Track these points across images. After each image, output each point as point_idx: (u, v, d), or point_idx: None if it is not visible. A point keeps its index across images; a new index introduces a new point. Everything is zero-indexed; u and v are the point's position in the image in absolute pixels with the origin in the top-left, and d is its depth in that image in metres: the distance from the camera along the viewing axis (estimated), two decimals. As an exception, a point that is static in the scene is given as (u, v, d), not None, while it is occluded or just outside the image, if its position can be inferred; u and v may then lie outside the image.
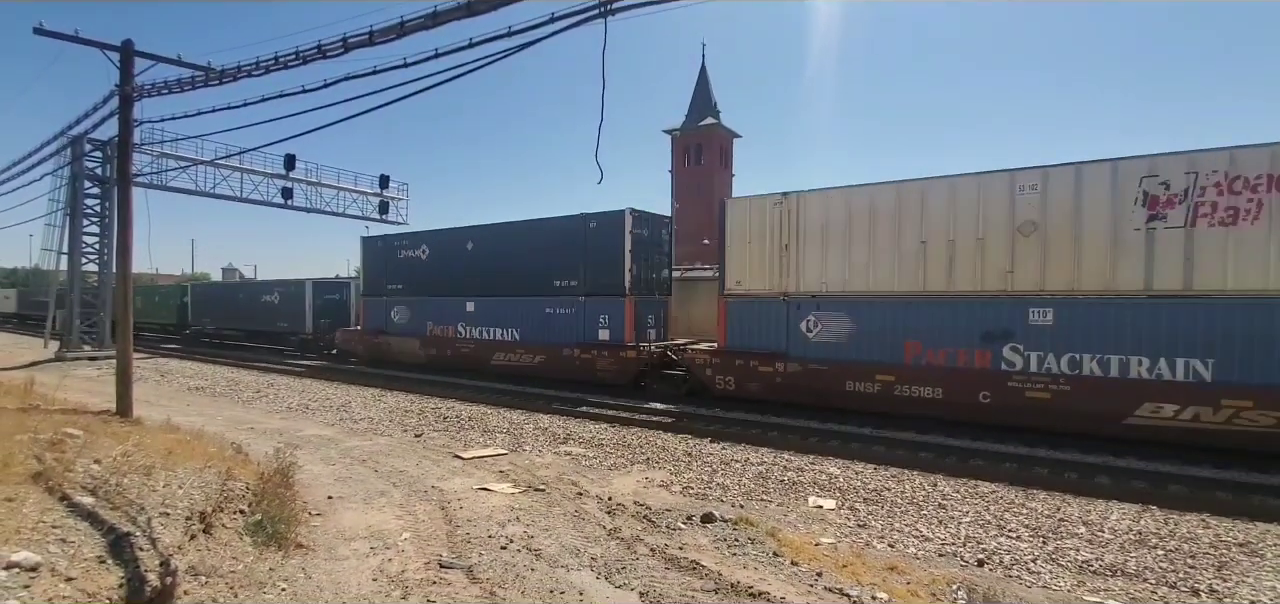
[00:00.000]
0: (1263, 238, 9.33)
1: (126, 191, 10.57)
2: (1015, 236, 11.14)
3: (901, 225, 12.28)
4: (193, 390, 17.59)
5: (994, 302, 11.37)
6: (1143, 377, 10.13)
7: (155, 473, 6.04)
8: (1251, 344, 9.38)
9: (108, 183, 24.92)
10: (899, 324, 12.34)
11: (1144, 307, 10.15)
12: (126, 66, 10.41)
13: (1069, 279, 10.72)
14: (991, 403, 11.40)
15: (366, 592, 4.95)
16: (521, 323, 18.55)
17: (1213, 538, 6.86)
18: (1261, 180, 9.32)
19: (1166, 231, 9.96)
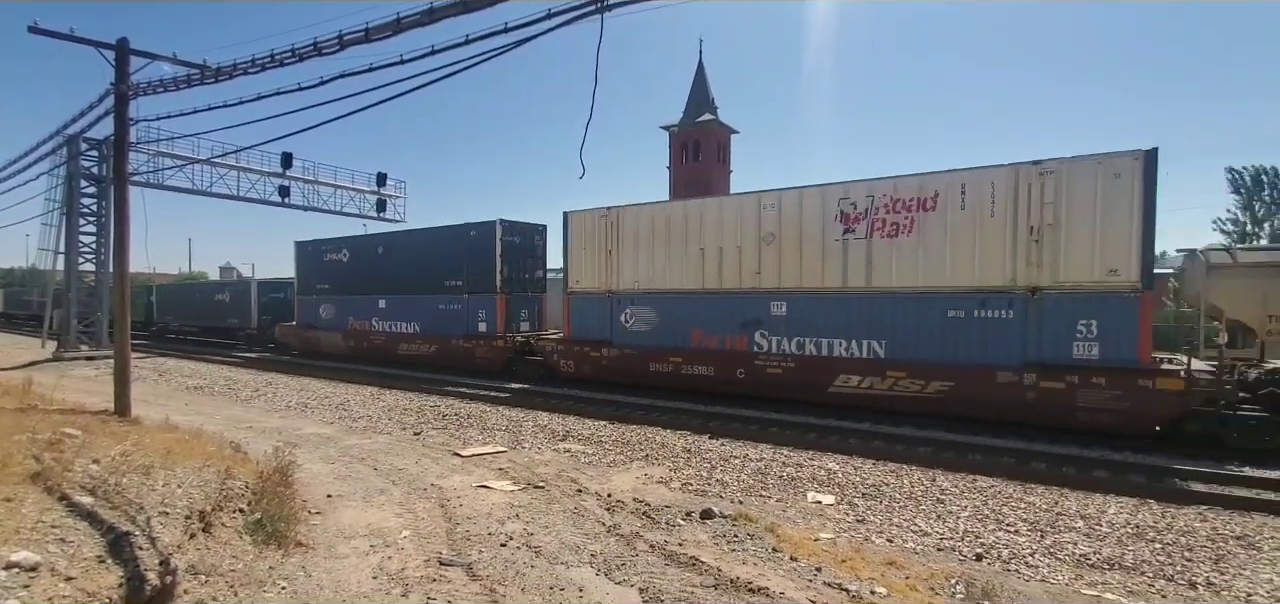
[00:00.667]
0: (914, 247, 12.24)
1: (123, 190, 10.53)
2: (761, 245, 13.99)
3: (688, 236, 15.09)
4: (191, 389, 17.56)
5: (749, 297, 14.17)
6: (840, 355, 13.09)
7: (154, 472, 6.03)
8: (908, 329, 12.32)
9: (104, 182, 24.84)
10: (688, 315, 15.10)
11: (841, 300, 13.04)
12: (122, 65, 10.37)
13: (796, 279, 13.63)
14: (745, 378, 14.19)
15: (367, 589, 4.96)
16: (421, 317, 21.33)
17: (1210, 531, 6.89)
18: (913, 203, 12.24)
19: (855, 242, 12.87)
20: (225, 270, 61.04)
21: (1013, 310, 11.34)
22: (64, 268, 25.83)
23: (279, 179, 27.78)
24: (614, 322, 16.31)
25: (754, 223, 14.08)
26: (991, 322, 11.50)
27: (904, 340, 12.33)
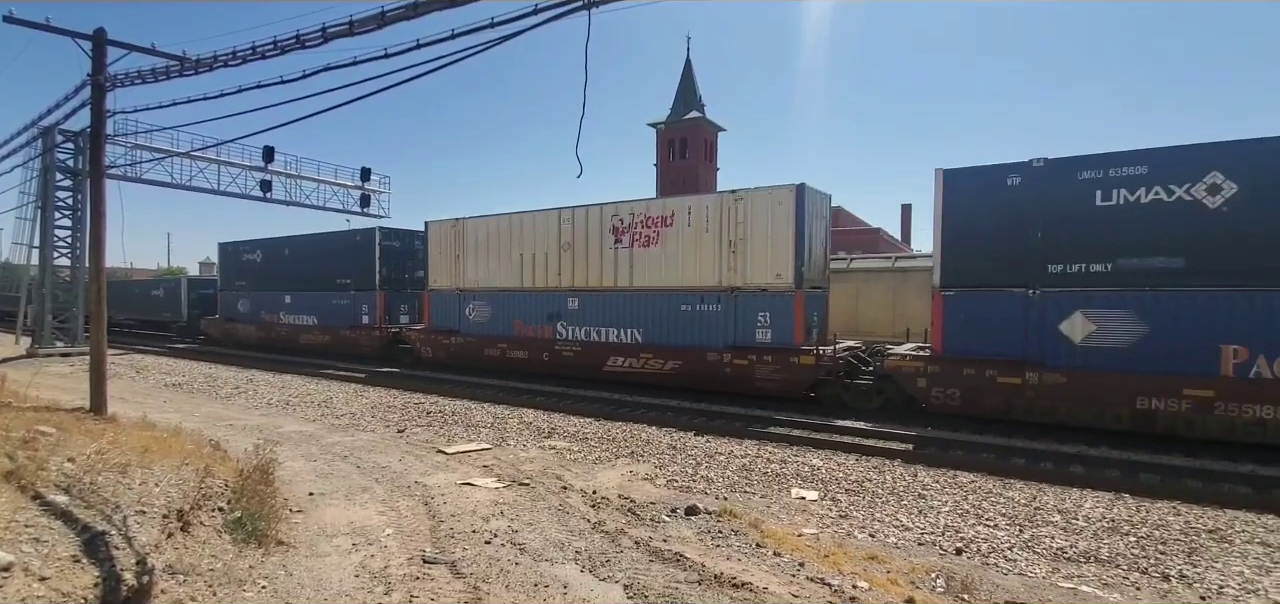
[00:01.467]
0: (659, 255, 15.48)
1: (99, 184, 10.35)
2: (561, 252, 17.09)
3: (512, 243, 18.24)
4: (169, 387, 17.31)
5: (553, 294, 17.26)
6: (612, 341, 16.17)
7: (131, 471, 5.94)
8: (656, 319, 15.47)
9: (80, 175, 24.36)
10: (512, 309, 18.17)
11: (613, 297, 16.15)
12: (99, 56, 10.18)
13: (584, 279, 16.72)
14: (549, 360, 17.26)
15: (349, 588, 4.92)
16: (318, 311, 24.34)
17: (1183, 525, 7.04)
18: (658, 220, 15.44)
19: (622, 250, 16.03)
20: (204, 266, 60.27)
21: (720, 305, 14.56)
22: (39, 263, 25.31)
23: (261, 173, 27.41)
24: (461, 314, 19.55)
25: (556, 233, 17.20)
26: (707, 314, 14.73)
27: (653, 328, 15.58)
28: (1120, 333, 10.31)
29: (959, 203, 11.64)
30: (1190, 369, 9.77)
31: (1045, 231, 10.77)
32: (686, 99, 58.08)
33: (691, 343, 14.88)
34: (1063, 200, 10.63)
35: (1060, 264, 10.68)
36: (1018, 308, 11.04)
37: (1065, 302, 10.69)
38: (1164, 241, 9.97)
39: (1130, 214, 10.17)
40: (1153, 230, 10.02)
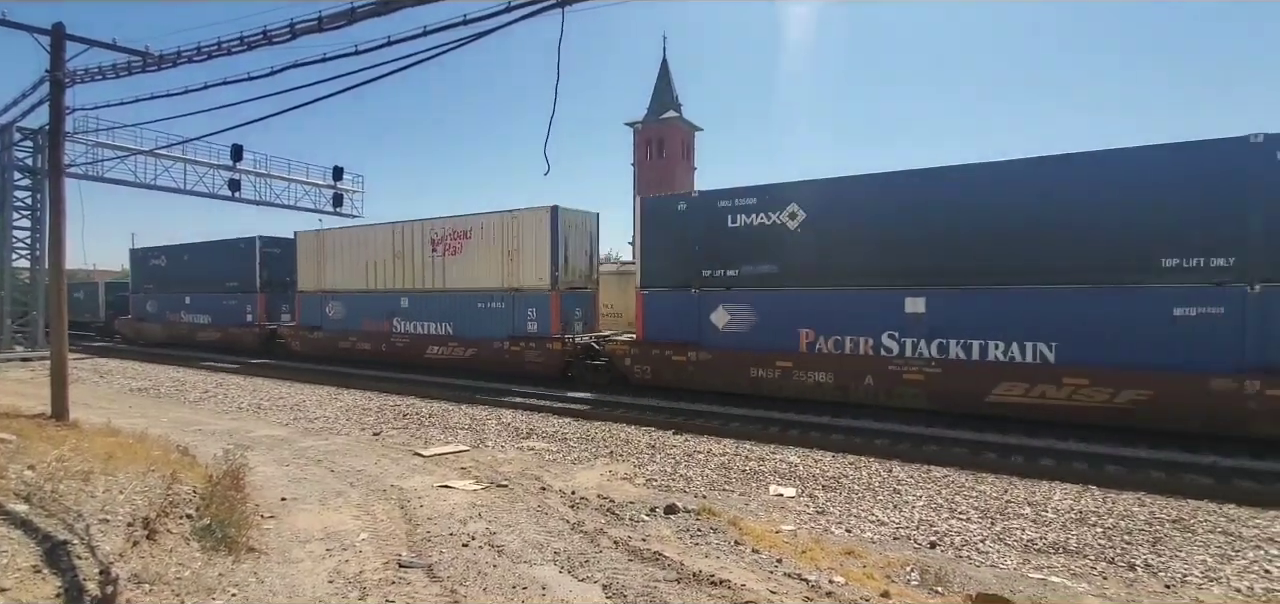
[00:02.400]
0: (462, 262, 18.66)
1: (58, 183, 10.04)
2: (395, 259, 20.25)
3: (360, 250, 21.29)
4: (134, 391, 16.85)
5: (390, 294, 20.41)
6: (432, 333, 19.37)
7: (94, 478, 5.78)
8: (462, 315, 18.66)
9: (38, 174, 23.62)
10: (361, 307, 21.32)
11: (432, 297, 19.39)
12: (57, 51, 9.87)
13: (412, 282, 19.91)
14: (386, 351, 20.42)
15: (322, 594, 4.83)
16: (212, 310, 26.78)
17: (1148, 515, 7.23)
18: (461, 233, 18.57)
19: (438, 258, 19.17)
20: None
21: (504, 303, 17.77)
22: (-5, 265, 24.46)
23: (229, 172, 26.85)
24: (323, 312, 22.33)
25: (391, 244, 20.33)
26: (495, 310, 17.93)
27: (459, 323, 18.66)
28: (743, 321, 13.67)
29: (651, 223, 15.00)
30: (781, 347, 13.15)
31: (699, 246, 14.12)
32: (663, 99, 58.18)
33: (484, 334, 18.13)
34: (709, 223, 13.96)
35: (709, 270, 13.98)
36: (686, 303, 14.32)
37: (713, 299, 13.96)
38: (766, 254, 13.34)
39: (747, 233, 13.54)
40: (760, 246, 13.41)
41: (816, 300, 12.76)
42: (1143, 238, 9.92)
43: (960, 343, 11.32)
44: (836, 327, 12.52)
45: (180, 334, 27.84)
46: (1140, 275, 9.92)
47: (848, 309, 12.43)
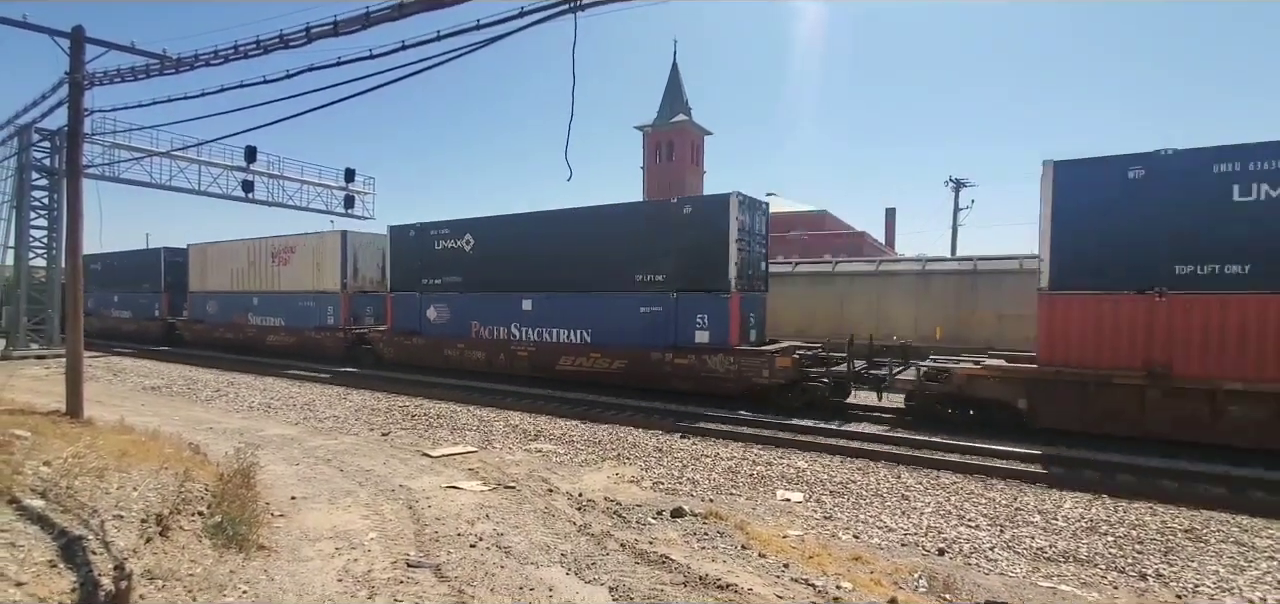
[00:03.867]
0: (291, 270, 24.12)
1: (76, 184, 10.18)
2: (250, 266, 25.51)
3: (229, 260, 26.61)
4: (147, 390, 17.04)
5: (247, 294, 25.56)
6: (270, 324, 24.77)
7: (108, 475, 5.85)
8: (291, 311, 23.84)
9: (57, 174, 23.94)
10: (230, 304, 26.51)
11: (273, 296, 24.62)
12: (77, 53, 10.02)
13: (262, 284, 25.08)
14: (242, 339, 25.62)
15: (331, 592, 4.88)
16: (131, 307, 32.15)
17: (1160, 525, 7.16)
18: (290, 249, 24.00)
19: (278, 267, 24.32)
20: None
21: (314, 302, 23.00)
22: (14, 263, 24.81)
23: (243, 174, 27.11)
24: (204, 308, 27.83)
25: (247, 255, 25.73)
26: (308, 307, 23.17)
27: (289, 316, 24.13)
28: (443, 315, 18.93)
29: (395, 246, 20.26)
30: (462, 334, 18.51)
31: (420, 262, 19.36)
32: (673, 102, 58.25)
33: (302, 324, 23.51)
34: (424, 245, 19.29)
35: (426, 279, 19.26)
36: (413, 303, 19.61)
37: (427, 300, 19.33)
38: (454, 268, 18.63)
39: (445, 254, 18.80)
40: (452, 263, 18.69)
41: (481, 301, 18.13)
42: (626, 261, 15.40)
43: (547, 330, 16.85)
44: (490, 319, 17.94)
45: (108, 326, 32.23)
46: (626, 286, 15.40)
47: (495, 307, 17.79)
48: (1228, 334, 9.49)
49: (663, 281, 14.90)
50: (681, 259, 14.61)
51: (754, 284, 15.10)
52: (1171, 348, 9.84)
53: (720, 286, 14.07)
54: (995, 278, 16.63)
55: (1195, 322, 9.69)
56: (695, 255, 14.40)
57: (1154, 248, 10.04)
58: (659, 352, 14.80)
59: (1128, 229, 10.25)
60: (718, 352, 14.04)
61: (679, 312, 14.65)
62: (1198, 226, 9.78)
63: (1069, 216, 10.70)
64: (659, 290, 14.92)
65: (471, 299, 18.30)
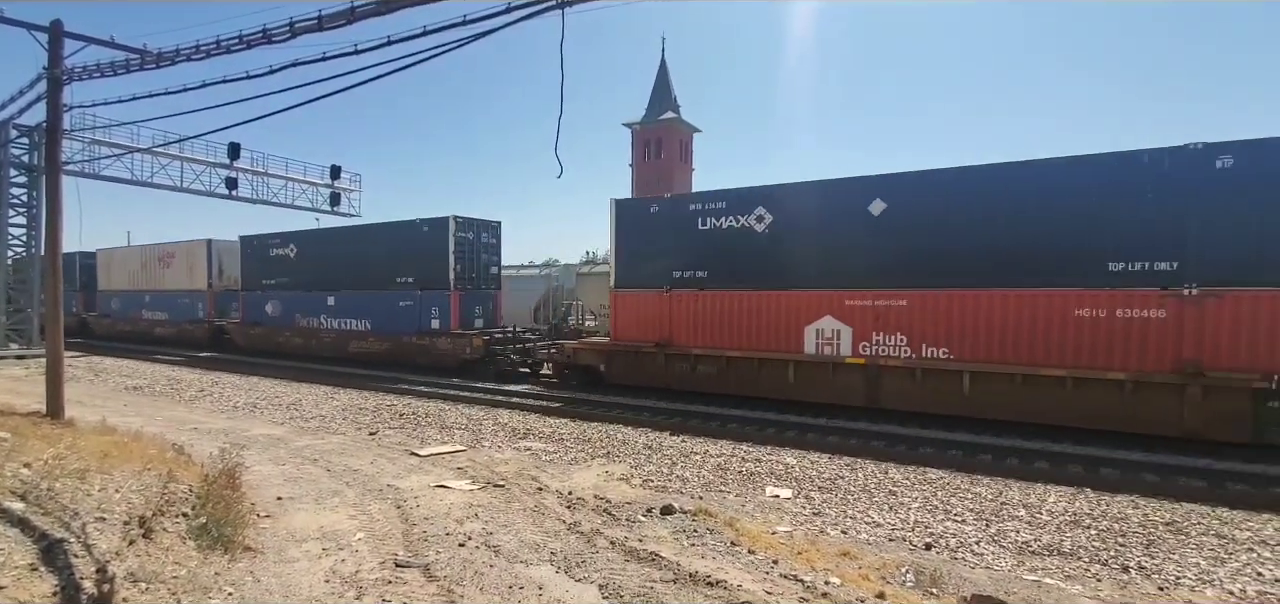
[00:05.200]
0: (172, 272, 29.09)
1: (55, 180, 10.01)
2: (143, 268, 30.27)
3: (128, 263, 31.38)
4: (130, 390, 16.81)
5: (142, 292, 30.34)
6: (159, 318, 29.57)
7: (90, 476, 5.77)
8: (174, 306, 28.97)
9: (35, 171, 23.53)
10: (128, 301, 31.26)
11: (160, 295, 29.55)
12: (56, 48, 9.84)
13: (152, 283, 30.16)
14: (139, 329, 30.20)
15: (318, 593, 4.84)
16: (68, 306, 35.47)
17: (1141, 518, 7.27)
18: (172, 254, 29.36)
19: (164, 268, 29.37)
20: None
21: (189, 298, 28.07)
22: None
23: (226, 170, 26.77)
24: (110, 304, 32.54)
25: (141, 258, 30.57)
26: (185, 303, 28.24)
27: (173, 312, 28.71)
28: (276, 309, 24.13)
29: (245, 252, 25.49)
30: (290, 324, 23.68)
31: (260, 265, 24.39)
32: (662, 100, 58.23)
33: (182, 318, 28.41)
34: (262, 252, 24.59)
35: (266, 279, 24.43)
36: (258, 298, 24.69)
37: (266, 296, 24.37)
38: (283, 271, 24.18)
39: (276, 259, 23.98)
40: (282, 267, 24.05)
41: (301, 298, 23.18)
42: (391, 267, 20.59)
43: (343, 320, 21.96)
44: (307, 312, 22.93)
45: None
46: (390, 286, 20.62)
47: (310, 303, 22.68)
48: (699, 318, 14.58)
49: (412, 283, 20.08)
50: (422, 265, 19.76)
51: (480, 284, 20.31)
52: (673, 328, 14.93)
53: (444, 286, 19.27)
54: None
55: (683, 309, 14.79)
56: (429, 263, 19.51)
57: (665, 261, 14.98)
58: (410, 336, 20.06)
59: (651, 249, 15.25)
60: (443, 335, 19.21)
61: (422, 306, 19.76)
62: (681, 246, 14.75)
63: (624, 238, 15.76)
64: (410, 289, 20.13)
65: (295, 296, 23.62)
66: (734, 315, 13.96)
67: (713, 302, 14.26)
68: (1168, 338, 9.97)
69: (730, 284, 13.98)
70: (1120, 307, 10.31)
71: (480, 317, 20.02)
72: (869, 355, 12.44)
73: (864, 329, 12.54)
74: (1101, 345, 10.43)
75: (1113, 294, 10.33)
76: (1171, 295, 9.96)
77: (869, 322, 12.50)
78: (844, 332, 12.76)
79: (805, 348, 13.11)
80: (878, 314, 12.43)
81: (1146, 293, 10.14)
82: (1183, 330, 9.86)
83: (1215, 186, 9.66)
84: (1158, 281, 10.06)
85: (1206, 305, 9.76)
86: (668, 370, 14.78)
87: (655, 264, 15.00)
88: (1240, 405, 9.49)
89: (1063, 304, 10.68)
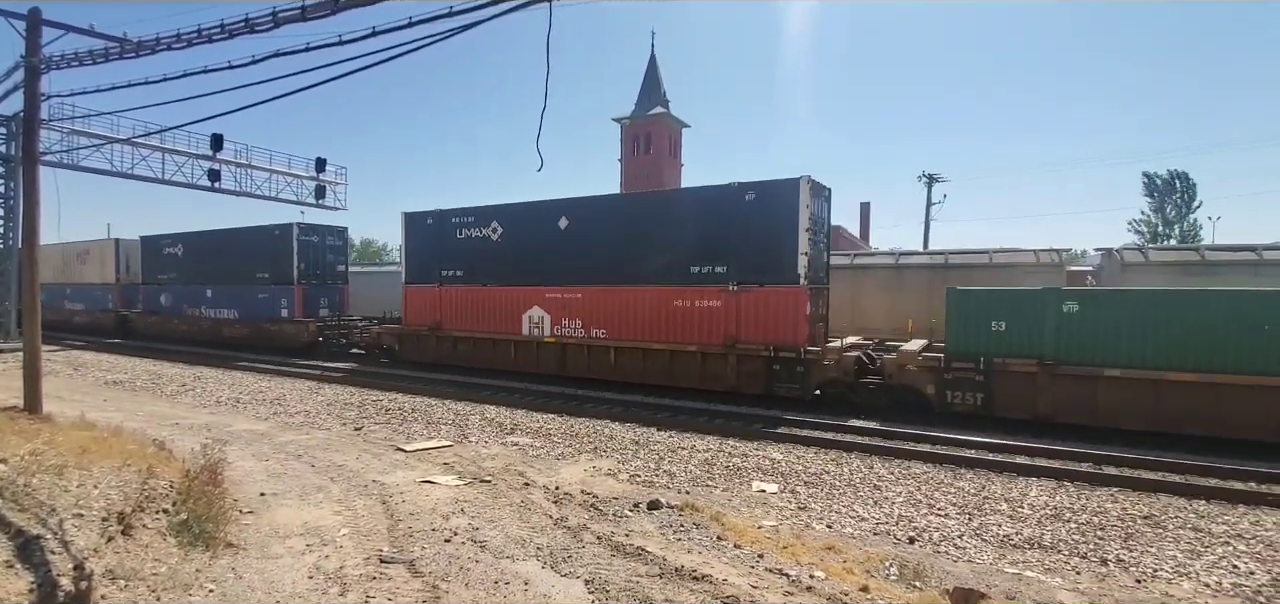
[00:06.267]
0: (87, 267, 32.10)
1: (33, 171, 9.82)
2: (65, 265, 32.68)
3: (53, 258, 30.73)
4: (110, 384, 16.56)
5: (63, 285, 32.38)
6: (77, 309, 32.33)
7: (68, 472, 5.68)
8: (90, 298, 31.95)
9: (12, 161, 23.07)
10: (53, 293, 30.81)
11: (81, 289, 32.35)
12: (33, 36, 9.64)
13: (71, 278, 32.59)
14: (62, 319, 32.00)
15: (302, 590, 4.80)
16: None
17: (1120, 511, 7.38)
18: (86, 253, 32.48)
19: (81, 265, 32.50)
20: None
21: (102, 291, 30.20)
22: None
23: (209, 162, 26.34)
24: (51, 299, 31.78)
25: (62, 256, 32.37)
26: (98, 294, 30.75)
27: (87, 302, 31.56)
28: (170, 300, 27.43)
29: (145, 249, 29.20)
30: (182, 313, 27.05)
31: (152, 261, 28.37)
32: (651, 95, 58.09)
33: (96, 307, 30.93)
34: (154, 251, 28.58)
35: (160, 274, 27.92)
36: (155, 292, 28.13)
37: (161, 289, 27.77)
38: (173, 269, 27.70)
39: (167, 257, 27.75)
40: (172, 264, 27.76)
41: (189, 291, 26.65)
42: (253, 265, 24.18)
43: (219, 310, 25.56)
44: (193, 304, 26.46)
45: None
46: (253, 281, 24.05)
47: (195, 295, 26.32)
48: (458, 307, 18.34)
49: (268, 278, 23.74)
50: (274, 264, 23.65)
51: (325, 280, 24.27)
52: (442, 315, 18.67)
53: (290, 281, 23.07)
54: (966, 271, 16.92)
55: (448, 300, 18.55)
56: (277, 261, 23.49)
57: (437, 262, 18.69)
58: (266, 323, 23.66)
59: (427, 253, 19.02)
60: (289, 322, 22.98)
61: (274, 297, 23.53)
62: (447, 250, 18.41)
63: (411, 244, 19.60)
64: (266, 284, 23.74)
65: (184, 289, 27.07)
66: (479, 305, 17.88)
67: (466, 294, 18.14)
68: (723, 320, 14.02)
69: (477, 281, 17.88)
70: (697, 299, 14.31)
71: (325, 307, 23.90)
72: (560, 336, 16.37)
73: (557, 316, 16.46)
74: (691, 326, 14.39)
75: (694, 290, 14.34)
76: (724, 291, 13.95)
77: (560, 310, 16.39)
78: (546, 318, 16.66)
79: (522, 331, 17.02)
80: (565, 304, 16.30)
81: (711, 289, 14.15)
82: (729, 315, 13.93)
83: (745, 214, 13.69)
84: (717, 281, 14.08)
85: (741, 298, 13.77)
86: (438, 349, 18.75)
87: (430, 265, 18.89)
88: (758, 368, 13.56)
89: (668, 297, 14.65)
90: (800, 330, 13.12)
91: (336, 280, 24.91)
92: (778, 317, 13.29)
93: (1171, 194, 55.95)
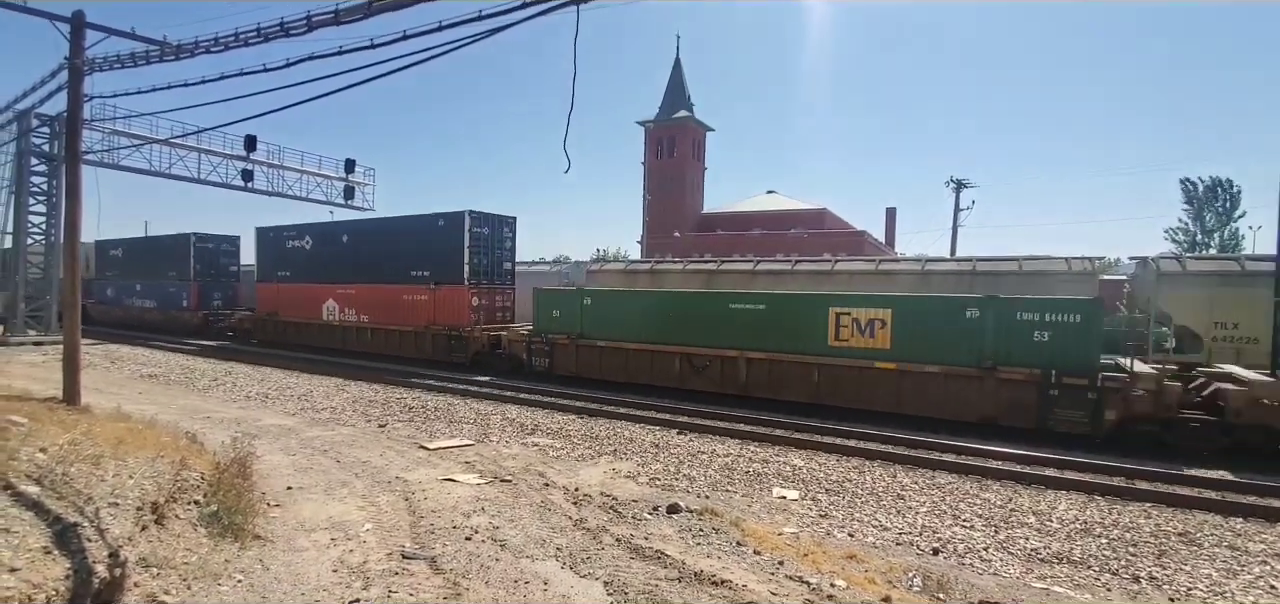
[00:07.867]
0: None
1: (75, 170, 10.16)
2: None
3: None
4: (145, 377, 17.03)
5: None
6: None
7: (104, 462, 5.84)
8: None
9: (55, 160, 23.85)
10: None
11: None
12: (77, 38, 9.98)
13: None
14: None
15: (326, 582, 4.88)
16: None
17: (1153, 527, 7.18)
18: None
19: None
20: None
21: None
22: (12, 249, 24.75)
23: (242, 162, 26.98)
24: None
25: None
26: None
27: None
28: (117, 293, 33.88)
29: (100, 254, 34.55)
30: (123, 304, 33.20)
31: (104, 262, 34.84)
32: (675, 98, 58.12)
33: None
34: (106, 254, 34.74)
35: (110, 273, 34.47)
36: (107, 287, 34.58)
37: (107, 284, 34.48)
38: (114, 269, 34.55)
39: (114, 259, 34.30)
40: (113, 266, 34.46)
41: (124, 285, 32.71)
42: (167, 266, 30.12)
43: (142, 301, 31.73)
44: (128, 296, 32.31)
45: None
46: (167, 278, 30.24)
47: (128, 289, 32.28)
48: (288, 299, 24.70)
49: (175, 276, 29.74)
50: (179, 265, 29.50)
51: (219, 278, 30.03)
52: (279, 305, 25.20)
53: (187, 279, 28.92)
54: (993, 278, 16.62)
55: (283, 293, 24.95)
56: (183, 263, 29.10)
57: (275, 265, 25.37)
58: (176, 311, 29.21)
59: (269, 257, 25.76)
60: (186, 311, 28.67)
61: (179, 291, 29.38)
62: (280, 255, 25.33)
63: (261, 251, 26.07)
64: (174, 280, 29.75)
65: (122, 284, 33.27)
66: (299, 297, 24.20)
67: (292, 290, 24.59)
68: (429, 310, 20.18)
69: (298, 280, 24.35)
70: (415, 294, 20.54)
71: (218, 300, 29.78)
72: (342, 320, 22.78)
73: (343, 306, 22.85)
74: (416, 314, 20.55)
75: (413, 288, 20.63)
76: (429, 289, 20.17)
77: (344, 301, 22.83)
78: (336, 307, 23.08)
79: (324, 318, 23.38)
80: (346, 297, 22.76)
81: (422, 287, 20.40)
82: (431, 306, 20.13)
83: (439, 235, 20.00)
84: (424, 281, 20.33)
85: (437, 294, 19.93)
86: (279, 333, 24.72)
87: (271, 266, 25.51)
88: (443, 343, 19.73)
89: (401, 293, 20.94)
90: (465, 316, 19.33)
91: (230, 279, 31.37)
92: (454, 307, 19.47)
93: (1212, 202, 54.32)
